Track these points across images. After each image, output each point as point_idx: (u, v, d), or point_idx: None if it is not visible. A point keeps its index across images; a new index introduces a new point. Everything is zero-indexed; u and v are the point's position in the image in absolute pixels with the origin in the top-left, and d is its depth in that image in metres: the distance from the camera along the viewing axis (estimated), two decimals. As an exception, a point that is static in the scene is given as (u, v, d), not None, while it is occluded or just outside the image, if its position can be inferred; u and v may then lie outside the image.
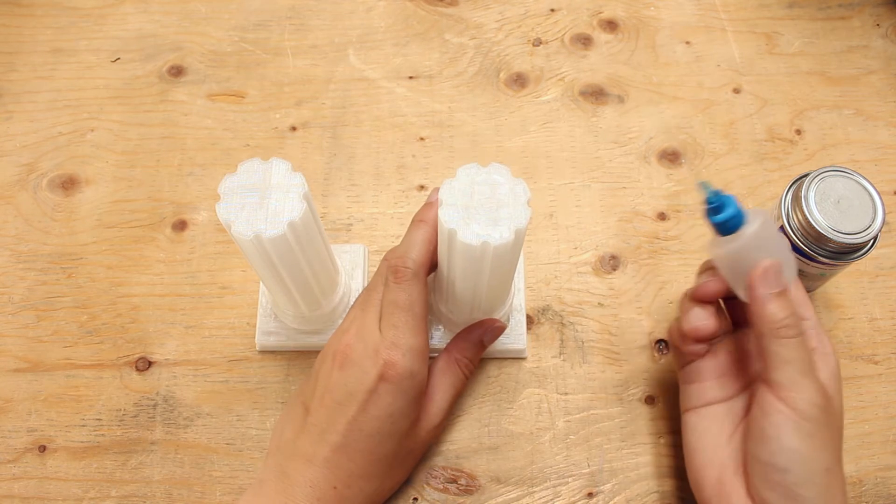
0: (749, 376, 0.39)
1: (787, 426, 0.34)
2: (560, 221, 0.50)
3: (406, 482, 0.42)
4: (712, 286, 0.38)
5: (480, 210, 0.34)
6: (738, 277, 0.36)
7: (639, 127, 0.54)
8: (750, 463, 0.35)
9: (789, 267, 0.36)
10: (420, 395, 0.38)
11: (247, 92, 0.55)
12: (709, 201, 0.35)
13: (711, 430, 0.38)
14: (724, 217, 0.35)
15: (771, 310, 0.34)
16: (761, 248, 0.35)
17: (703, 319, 0.38)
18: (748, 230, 0.35)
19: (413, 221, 0.40)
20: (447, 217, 0.34)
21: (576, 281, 0.49)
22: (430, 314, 0.45)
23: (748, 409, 0.37)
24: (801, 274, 0.43)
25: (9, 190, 0.51)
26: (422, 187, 0.52)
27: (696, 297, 0.38)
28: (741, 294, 0.37)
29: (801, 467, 0.33)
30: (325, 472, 0.36)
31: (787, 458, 0.33)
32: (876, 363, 0.46)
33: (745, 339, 0.40)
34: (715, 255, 0.37)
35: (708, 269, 0.39)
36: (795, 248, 0.41)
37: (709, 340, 0.39)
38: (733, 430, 0.38)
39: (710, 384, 0.39)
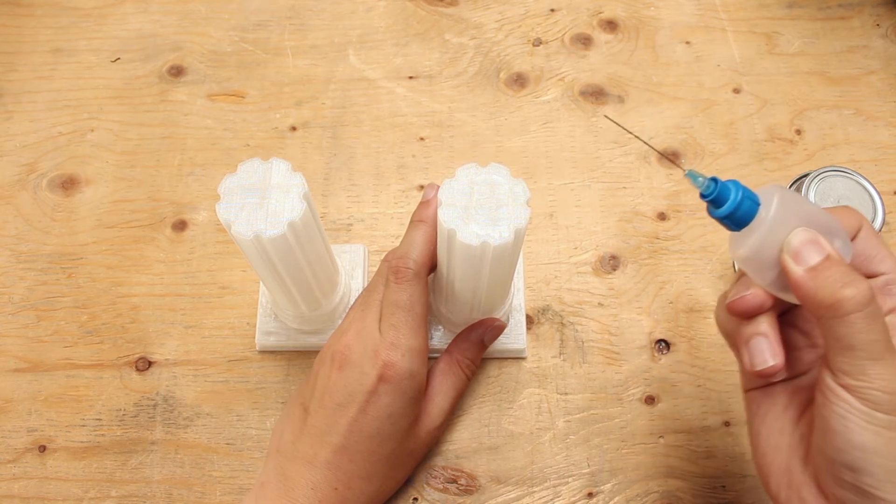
0: (819, 347, 0.33)
1: (855, 420, 0.27)
2: (560, 221, 0.50)
3: (406, 482, 0.42)
4: (749, 301, 0.31)
5: (480, 210, 0.34)
6: (772, 275, 0.30)
7: (639, 127, 0.54)
8: (815, 456, 0.30)
9: (829, 229, 0.29)
10: (420, 395, 0.38)
11: (247, 92, 0.55)
12: (704, 195, 0.29)
13: (775, 412, 0.32)
14: (727, 210, 0.29)
15: (811, 288, 0.27)
16: (787, 228, 0.29)
17: (766, 353, 0.31)
18: (765, 215, 0.29)
19: (412, 221, 0.40)
20: (447, 217, 0.34)
21: (576, 281, 0.49)
22: (430, 315, 0.45)
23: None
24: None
25: (9, 190, 0.51)
26: (422, 187, 0.52)
27: (734, 312, 0.32)
28: (787, 297, 0.30)
29: (877, 468, 0.27)
30: (326, 473, 0.36)
31: (858, 457, 0.28)
32: (876, 363, 0.46)
33: None
34: (738, 259, 0.30)
35: (741, 276, 0.33)
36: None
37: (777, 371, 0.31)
38: (801, 411, 0.32)
39: None
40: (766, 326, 0.31)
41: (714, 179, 0.29)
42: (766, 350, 0.30)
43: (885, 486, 0.27)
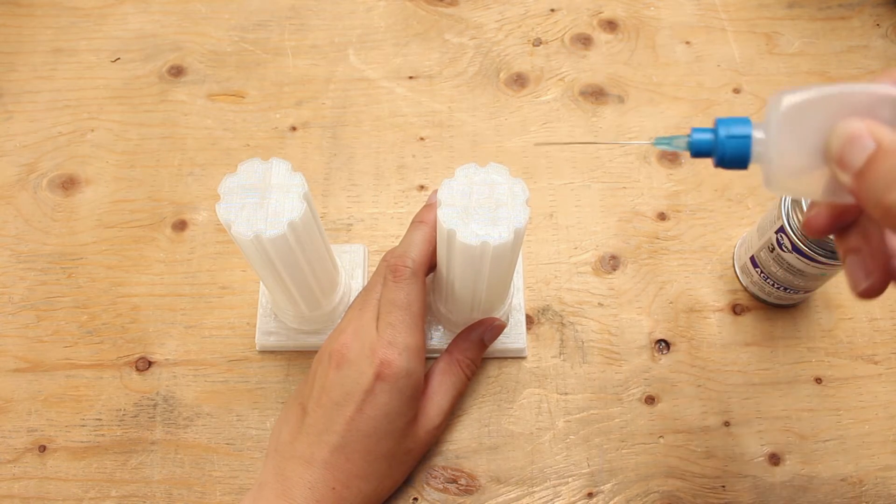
0: None
1: None
2: (560, 221, 0.50)
3: (406, 482, 0.42)
4: (814, 221, 0.28)
5: (479, 210, 0.34)
6: (821, 188, 0.25)
7: (639, 127, 0.54)
8: None
9: (863, 111, 0.23)
10: (417, 393, 0.38)
11: (247, 92, 0.55)
12: (696, 152, 0.26)
13: None
14: (717, 160, 0.26)
15: (864, 198, 0.22)
16: (809, 132, 0.24)
17: (859, 273, 0.27)
18: (765, 149, 0.25)
19: (413, 222, 0.40)
20: (446, 217, 0.34)
21: (576, 281, 0.49)
22: (429, 314, 0.45)
23: None
24: (801, 274, 0.43)
25: (9, 190, 0.51)
26: (422, 187, 0.52)
27: (808, 233, 0.29)
28: (844, 198, 0.25)
29: None
30: (324, 473, 0.36)
31: None
32: (876, 363, 0.46)
33: None
34: (781, 193, 0.26)
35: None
36: (795, 248, 0.41)
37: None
38: None
39: None
40: (855, 240, 0.27)
41: (694, 131, 0.26)
42: (859, 270, 0.27)
43: None
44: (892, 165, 0.22)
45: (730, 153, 0.25)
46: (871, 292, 0.26)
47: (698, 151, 0.26)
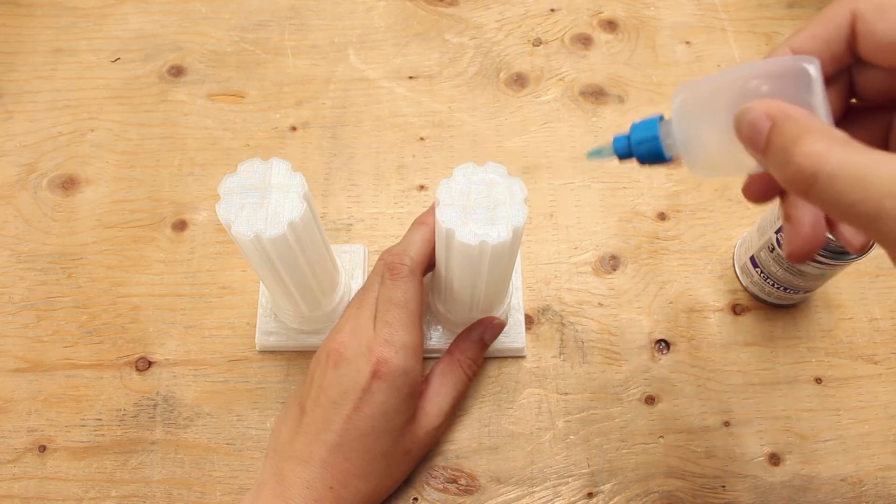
0: None
1: None
2: (560, 221, 0.50)
3: (406, 482, 0.42)
4: (751, 190, 0.28)
5: (478, 209, 0.34)
6: (741, 164, 0.26)
7: (639, 127, 0.54)
8: None
9: (765, 86, 0.24)
10: (414, 392, 0.38)
11: (247, 92, 0.55)
12: (621, 157, 0.28)
13: None
14: (645, 149, 0.27)
15: (776, 174, 0.23)
16: (711, 117, 0.25)
17: (789, 241, 0.27)
18: (674, 132, 0.26)
19: (413, 223, 0.40)
20: (445, 217, 0.34)
21: (576, 281, 0.49)
22: (428, 314, 0.45)
23: None
24: (801, 274, 0.43)
25: (9, 190, 0.51)
26: (422, 187, 0.52)
27: (749, 197, 0.29)
28: (755, 166, 0.26)
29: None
30: (322, 472, 0.36)
31: None
32: (876, 363, 0.46)
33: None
34: (707, 176, 0.28)
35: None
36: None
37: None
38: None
39: None
40: (788, 206, 0.27)
41: (614, 139, 0.28)
42: (787, 234, 0.27)
43: None
44: (786, 139, 0.22)
45: (645, 154, 0.27)
46: (794, 256, 0.27)
47: (621, 156, 0.28)
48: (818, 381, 0.45)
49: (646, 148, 0.27)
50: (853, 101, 0.28)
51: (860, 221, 0.20)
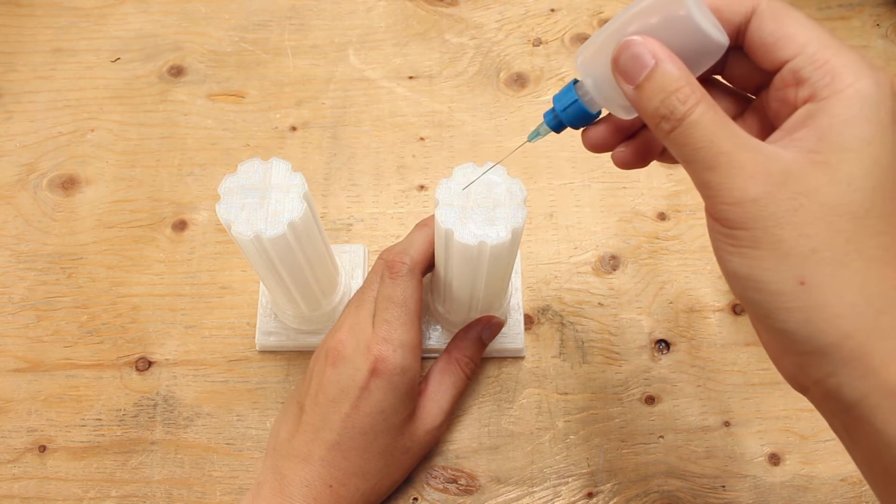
0: None
1: (723, 247, 0.25)
2: (560, 221, 0.50)
3: (406, 482, 0.42)
4: (597, 136, 0.30)
5: (477, 210, 0.34)
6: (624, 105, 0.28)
7: (639, 127, 0.54)
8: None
9: (655, 29, 0.25)
10: (412, 390, 0.38)
11: (247, 92, 0.55)
12: (555, 128, 0.30)
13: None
14: (570, 114, 0.29)
15: (641, 109, 0.26)
16: (609, 55, 0.26)
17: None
18: (586, 87, 0.28)
19: (416, 225, 0.40)
20: (444, 217, 0.34)
21: (576, 281, 0.49)
22: (427, 314, 0.45)
23: None
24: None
25: (9, 190, 0.51)
26: (422, 187, 0.52)
27: (591, 147, 0.31)
28: (624, 112, 0.28)
29: (765, 294, 0.25)
30: (321, 470, 0.36)
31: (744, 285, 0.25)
32: (876, 363, 0.46)
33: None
34: (631, 114, 0.29)
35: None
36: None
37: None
38: None
39: None
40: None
41: (544, 115, 0.30)
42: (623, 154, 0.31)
43: (778, 314, 0.24)
44: (666, 81, 0.24)
45: (573, 117, 0.29)
46: (591, 142, 0.30)
47: (555, 128, 0.30)
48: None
49: (571, 112, 0.29)
50: (717, 76, 0.30)
51: (698, 165, 0.24)
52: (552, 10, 0.59)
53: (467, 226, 0.33)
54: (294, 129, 0.54)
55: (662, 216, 0.51)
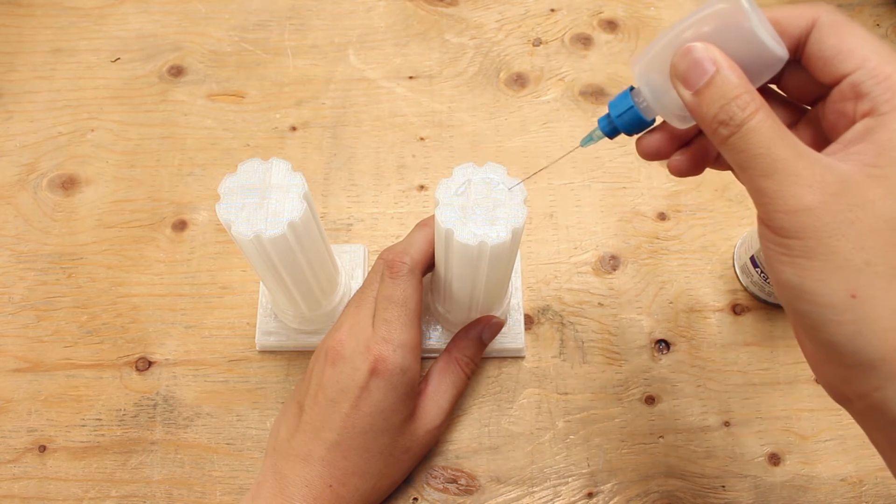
0: None
1: (777, 257, 0.25)
2: (560, 221, 0.50)
3: (406, 482, 0.42)
4: (645, 146, 0.31)
5: (477, 210, 0.34)
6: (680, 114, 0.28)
7: (639, 127, 0.54)
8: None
9: (715, 34, 0.26)
10: (412, 390, 0.38)
11: (247, 92, 0.55)
12: (609, 134, 0.30)
13: None
14: (626, 120, 0.29)
15: (699, 115, 0.26)
16: (667, 64, 0.27)
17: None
18: (643, 94, 0.28)
19: (416, 225, 0.40)
20: (444, 217, 0.34)
21: (576, 281, 0.49)
22: (427, 314, 0.45)
23: None
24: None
25: (9, 190, 0.51)
26: (422, 187, 0.52)
27: (646, 154, 0.32)
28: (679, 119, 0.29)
29: (817, 307, 0.25)
30: (321, 470, 0.36)
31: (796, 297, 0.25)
32: (876, 363, 0.46)
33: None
34: (686, 123, 0.29)
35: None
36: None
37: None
38: None
39: None
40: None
41: (599, 121, 0.30)
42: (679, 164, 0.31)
43: (828, 325, 0.24)
44: (727, 87, 0.25)
45: (628, 124, 0.29)
46: (646, 150, 0.31)
47: (609, 134, 0.31)
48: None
49: (626, 119, 0.29)
50: (774, 86, 0.30)
51: (753, 171, 0.24)
52: (552, 10, 0.59)
53: (467, 226, 0.33)
54: (294, 129, 0.54)
55: (662, 216, 0.51)
